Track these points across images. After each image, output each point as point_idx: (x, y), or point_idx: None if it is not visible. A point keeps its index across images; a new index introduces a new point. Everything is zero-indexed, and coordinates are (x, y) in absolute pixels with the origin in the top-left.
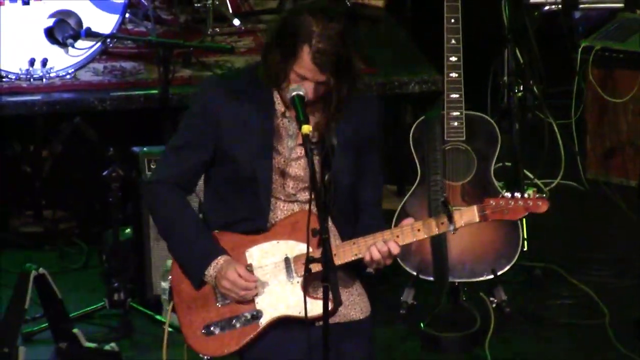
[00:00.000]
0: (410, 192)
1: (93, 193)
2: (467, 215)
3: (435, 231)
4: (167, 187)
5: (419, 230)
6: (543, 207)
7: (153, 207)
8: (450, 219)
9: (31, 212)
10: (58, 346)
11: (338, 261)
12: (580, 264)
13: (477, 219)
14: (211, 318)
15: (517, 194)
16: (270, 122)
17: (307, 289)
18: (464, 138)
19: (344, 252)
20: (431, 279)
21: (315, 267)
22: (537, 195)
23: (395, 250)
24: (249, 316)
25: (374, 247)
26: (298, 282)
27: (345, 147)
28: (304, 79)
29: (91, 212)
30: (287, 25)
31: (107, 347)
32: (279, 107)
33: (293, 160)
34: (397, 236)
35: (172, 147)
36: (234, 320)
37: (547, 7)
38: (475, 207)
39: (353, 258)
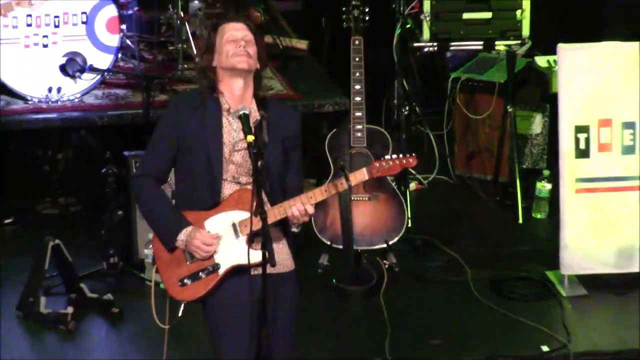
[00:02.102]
0: (325, 184)
1: (95, 185)
2: (359, 175)
3: (339, 189)
4: (147, 179)
5: (326, 190)
6: (413, 162)
7: (138, 197)
8: (347, 178)
9: (50, 199)
10: (69, 296)
11: (271, 220)
12: (450, 237)
13: (367, 177)
14: (183, 273)
15: (394, 156)
16: (219, 120)
17: (250, 244)
18: (365, 145)
19: (274, 213)
20: (341, 247)
21: (255, 227)
22: (407, 155)
23: (310, 209)
24: (210, 268)
25: (294, 207)
26: (243, 239)
27: (274, 143)
28: (235, 40)
29: (94, 199)
30: (209, 27)
31: (105, 297)
32: (225, 105)
33: (236, 150)
34: (311, 197)
35: (149, 147)
36: (200, 273)
37: (426, 49)
38: (364, 169)
39: (281, 216)
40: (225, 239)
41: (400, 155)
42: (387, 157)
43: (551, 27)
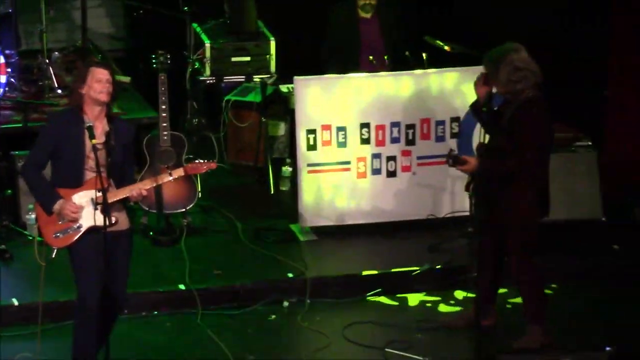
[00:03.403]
0: (144, 170)
1: None
2: (178, 171)
3: (163, 180)
4: (33, 168)
5: (154, 181)
6: (214, 166)
7: (26, 179)
8: (171, 174)
9: None
10: None
11: (117, 197)
12: (226, 203)
13: (183, 174)
14: (57, 229)
15: (201, 160)
16: (82, 130)
17: (101, 213)
18: (170, 144)
19: (121, 193)
20: (154, 211)
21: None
22: (209, 160)
23: (144, 192)
24: (75, 227)
25: (134, 190)
26: (97, 209)
27: (118, 146)
28: (101, 81)
29: None
30: (80, 69)
31: (1, 247)
32: (87, 121)
33: (91, 151)
34: (145, 184)
35: (35, 147)
36: (68, 230)
37: (208, 81)
38: (182, 168)
39: (125, 196)
40: (86, 208)
41: (207, 161)
42: (197, 161)
43: (290, 66)
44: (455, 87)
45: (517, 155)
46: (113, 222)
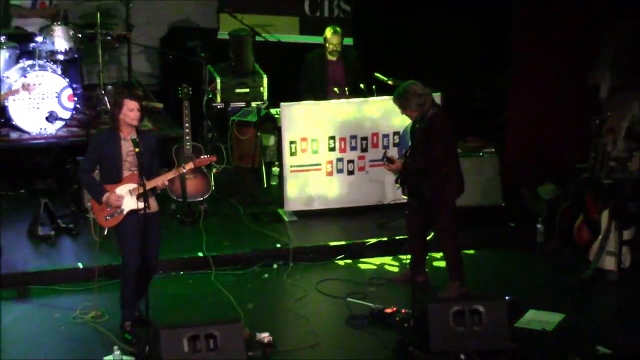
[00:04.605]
0: (174, 170)
1: (64, 174)
2: (189, 165)
3: (180, 172)
4: (85, 172)
5: (174, 173)
6: (214, 159)
7: (82, 180)
8: (184, 167)
9: (42, 181)
10: (52, 226)
11: (148, 187)
12: (233, 193)
13: (193, 166)
14: (106, 214)
15: (206, 156)
16: (119, 142)
17: (138, 200)
18: (192, 152)
19: (150, 184)
20: (180, 200)
21: (137, 193)
22: (210, 155)
23: (166, 182)
24: (119, 211)
25: (159, 181)
26: (134, 197)
27: (146, 151)
28: (133, 110)
29: (62, 181)
30: (117, 100)
31: (69, 226)
32: (122, 136)
33: (128, 155)
34: (167, 176)
35: (85, 157)
36: (114, 213)
37: (219, 106)
38: (191, 162)
39: (153, 186)
40: (126, 196)
41: (208, 155)
42: (203, 156)
43: (277, 95)
44: (395, 110)
45: (425, 155)
46: (146, 206)
